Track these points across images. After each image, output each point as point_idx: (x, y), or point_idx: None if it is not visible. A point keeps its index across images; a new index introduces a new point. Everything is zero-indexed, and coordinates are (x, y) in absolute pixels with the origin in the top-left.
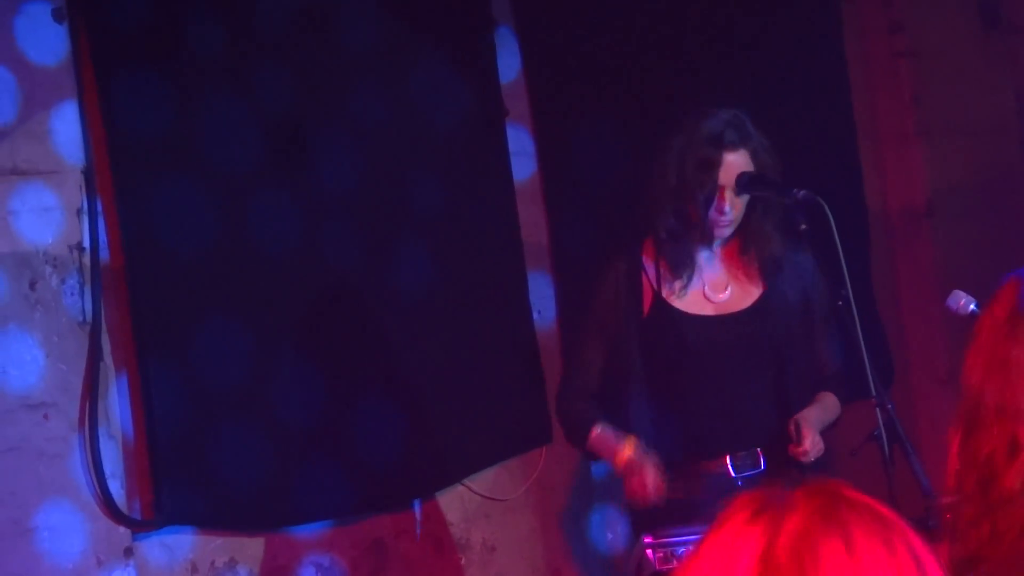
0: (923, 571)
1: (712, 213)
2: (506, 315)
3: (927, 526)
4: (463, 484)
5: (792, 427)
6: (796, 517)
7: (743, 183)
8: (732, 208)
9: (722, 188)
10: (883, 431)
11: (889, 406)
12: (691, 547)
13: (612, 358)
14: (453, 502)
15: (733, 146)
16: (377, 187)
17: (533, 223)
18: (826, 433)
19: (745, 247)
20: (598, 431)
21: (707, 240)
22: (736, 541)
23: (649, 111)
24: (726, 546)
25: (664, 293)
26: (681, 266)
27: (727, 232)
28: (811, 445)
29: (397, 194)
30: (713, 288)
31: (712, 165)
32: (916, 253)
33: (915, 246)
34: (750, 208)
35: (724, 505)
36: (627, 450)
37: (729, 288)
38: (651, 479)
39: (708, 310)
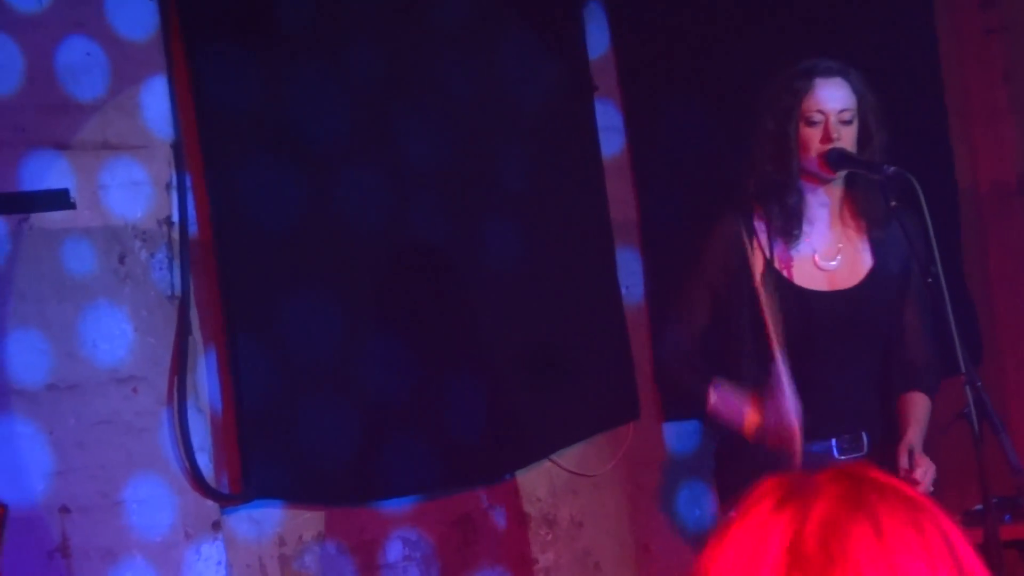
0: (954, 552)
1: (817, 146)
2: (594, 291)
3: (1017, 504)
4: (550, 460)
5: (905, 455)
6: (822, 504)
7: (834, 158)
8: (838, 136)
9: (825, 116)
10: (973, 409)
11: (979, 384)
12: (715, 534)
13: (720, 322)
14: (540, 478)
15: (829, 72)
16: (465, 162)
17: (622, 199)
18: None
19: (854, 215)
20: (717, 388)
21: (815, 189)
22: (763, 531)
23: (738, 85)
24: (753, 536)
25: (776, 262)
26: (790, 224)
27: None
28: (923, 475)
29: (485, 170)
30: (824, 255)
31: (807, 90)
32: (1007, 230)
33: (1005, 223)
34: (853, 179)
35: (749, 491)
36: (755, 410)
37: (840, 256)
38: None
39: (819, 282)
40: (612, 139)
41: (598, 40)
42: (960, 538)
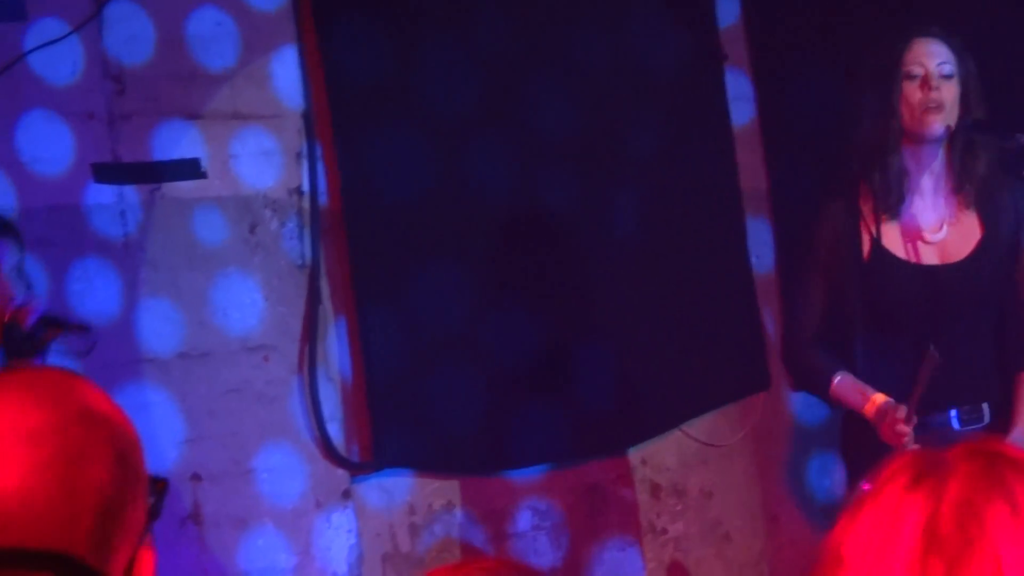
0: None
1: (919, 100)
2: (724, 261)
3: None
4: (680, 429)
5: None
6: (957, 483)
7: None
8: (938, 92)
9: (925, 69)
10: None
11: None
12: (847, 511)
13: (834, 302)
14: (670, 447)
15: (928, 32)
16: (594, 133)
17: (752, 168)
18: None
19: (960, 185)
20: (838, 380)
21: (917, 153)
22: (897, 511)
23: (862, 54)
24: (887, 516)
25: (883, 239)
26: (892, 192)
27: (939, 126)
28: None
29: (614, 140)
30: (931, 227)
31: (906, 46)
32: None
33: None
34: (966, 148)
35: (880, 467)
36: (877, 398)
37: (945, 227)
38: (902, 423)
39: (928, 256)
40: (742, 108)
41: (728, 10)
42: None
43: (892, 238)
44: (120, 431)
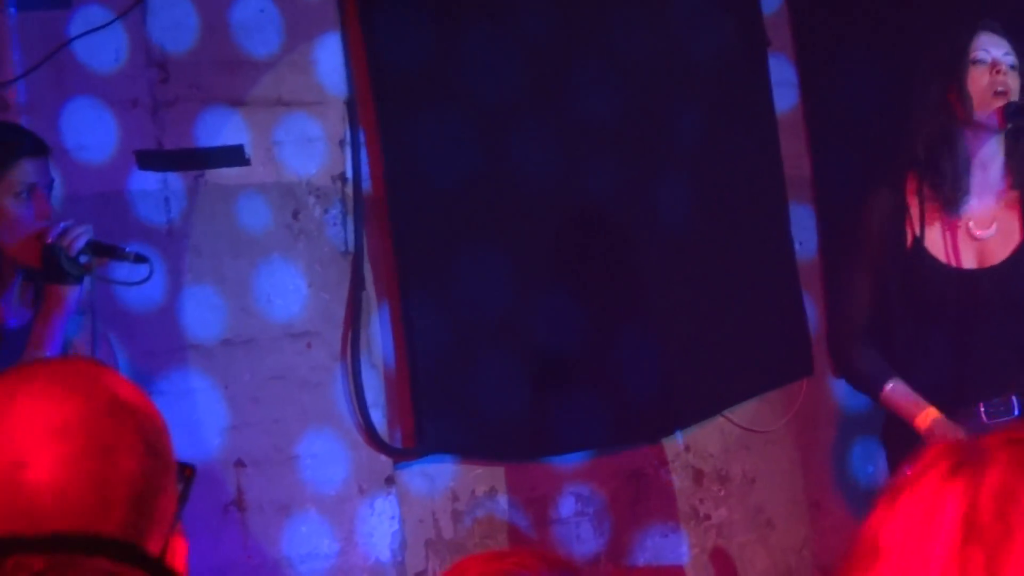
0: None
1: (985, 83)
2: (767, 247)
3: None
4: (723, 416)
5: None
6: (996, 470)
7: (1012, 111)
8: (1006, 77)
9: (991, 55)
10: None
11: None
12: (883, 499)
13: (877, 293)
14: (713, 434)
15: (990, 27)
16: (637, 118)
17: (795, 154)
18: None
19: (1009, 181)
20: (891, 387)
21: (978, 143)
22: (935, 500)
23: (913, 39)
24: (924, 505)
25: (925, 238)
26: (954, 184)
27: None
28: None
29: (657, 125)
30: (979, 221)
31: (971, 35)
32: None
33: None
34: (1015, 138)
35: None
36: (930, 415)
37: (995, 224)
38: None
39: (968, 258)
40: (786, 94)
41: None
42: None
43: (934, 237)
44: (148, 420)
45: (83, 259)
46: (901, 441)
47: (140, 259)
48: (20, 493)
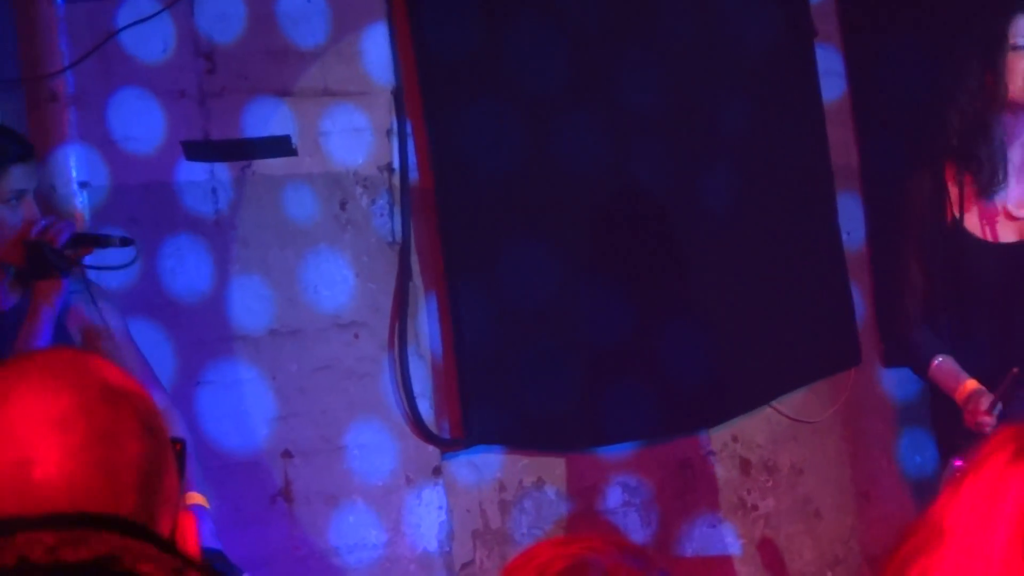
0: None
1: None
2: (814, 236)
3: None
4: (771, 406)
5: None
6: None
7: None
8: None
9: None
10: None
11: None
12: (949, 486)
13: (926, 274)
14: (760, 424)
15: None
16: (684, 108)
17: (842, 144)
18: None
19: None
20: (938, 362)
21: (1016, 126)
22: (999, 485)
23: (960, 26)
24: (988, 490)
25: (964, 217)
26: (993, 167)
27: None
28: None
29: (704, 115)
30: (1019, 203)
31: (1011, 19)
32: None
33: None
34: None
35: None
36: (968, 386)
37: None
38: (984, 414)
39: (1009, 233)
40: (833, 84)
41: None
42: None
43: (973, 218)
44: (142, 402)
45: (67, 251)
46: (950, 430)
47: (126, 242)
48: (31, 490)
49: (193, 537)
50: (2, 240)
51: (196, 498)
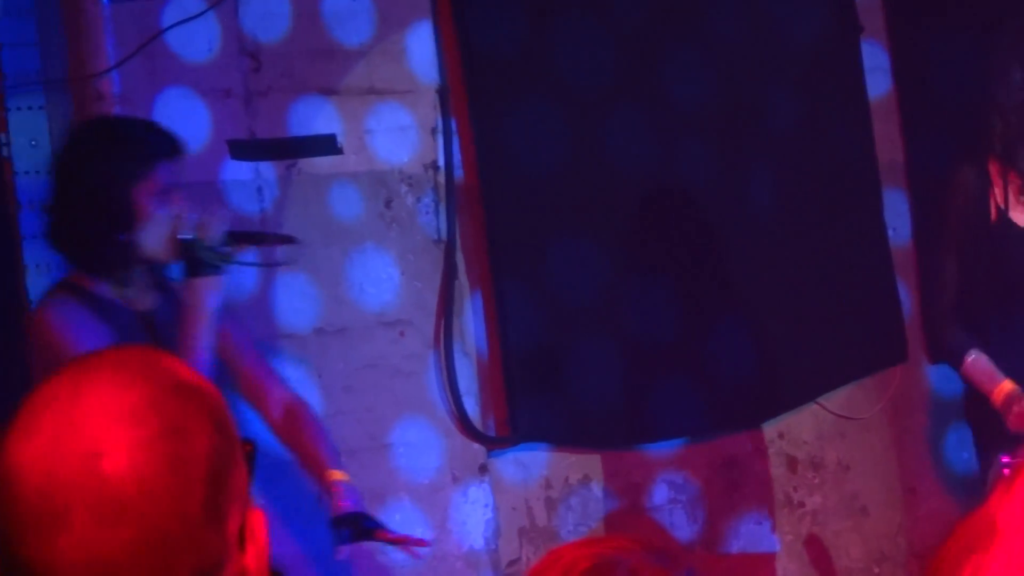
0: None
1: None
2: (860, 233)
3: None
4: (817, 403)
5: None
6: None
7: None
8: None
9: None
10: None
11: None
12: (1001, 481)
13: (966, 273)
14: (807, 421)
15: None
16: (730, 105)
17: (888, 140)
18: None
19: None
20: (972, 359)
21: None
22: None
23: (1011, 23)
24: None
25: (1010, 211)
26: None
27: None
28: None
29: (750, 112)
30: None
31: None
32: None
33: None
34: None
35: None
36: (1005, 388)
37: None
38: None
39: None
40: (879, 80)
41: None
42: None
43: (1018, 211)
44: (212, 399)
45: (221, 248)
46: (984, 422)
47: (286, 240)
48: (101, 483)
49: (263, 534)
50: (153, 237)
51: (338, 475)
